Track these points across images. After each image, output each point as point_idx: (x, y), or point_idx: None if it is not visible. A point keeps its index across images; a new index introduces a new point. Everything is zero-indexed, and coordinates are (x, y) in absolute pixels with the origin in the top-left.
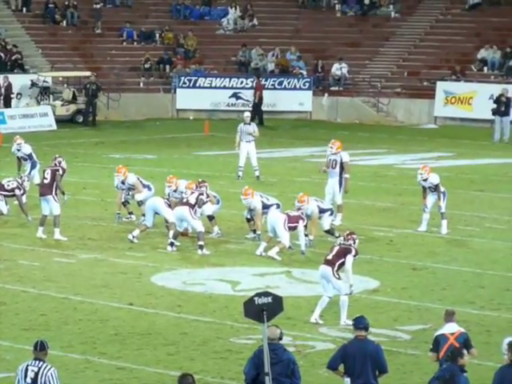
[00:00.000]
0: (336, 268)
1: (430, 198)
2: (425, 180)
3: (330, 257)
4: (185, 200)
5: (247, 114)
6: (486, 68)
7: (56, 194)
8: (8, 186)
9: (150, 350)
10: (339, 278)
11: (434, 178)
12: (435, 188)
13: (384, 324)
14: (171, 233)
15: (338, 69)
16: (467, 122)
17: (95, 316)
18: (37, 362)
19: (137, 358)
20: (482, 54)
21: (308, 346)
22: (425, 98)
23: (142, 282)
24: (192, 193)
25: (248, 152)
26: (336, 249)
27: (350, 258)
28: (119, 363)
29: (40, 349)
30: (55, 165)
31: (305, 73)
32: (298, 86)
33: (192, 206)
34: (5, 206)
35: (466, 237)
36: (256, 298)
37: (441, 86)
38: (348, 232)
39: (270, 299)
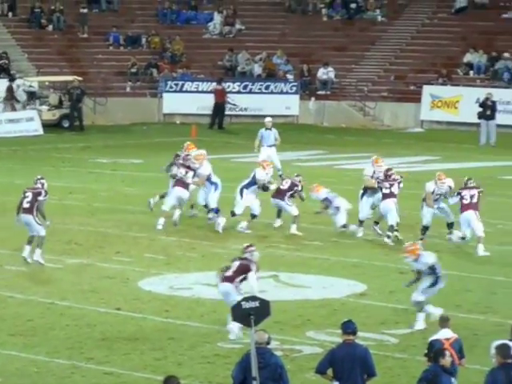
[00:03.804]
0: (236, 285)
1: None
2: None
3: (229, 273)
4: (276, 187)
5: (268, 119)
6: (472, 72)
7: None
8: None
9: (138, 355)
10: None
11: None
12: None
13: (371, 328)
14: (177, 213)
15: (325, 73)
16: (453, 125)
17: (82, 321)
18: None
19: (124, 362)
20: (468, 57)
21: (295, 350)
22: (411, 102)
23: (129, 286)
24: (286, 182)
25: (270, 156)
26: (236, 264)
27: (252, 276)
28: (106, 368)
29: None
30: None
31: (291, 77)
32: (284, 90)
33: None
34: None
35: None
36: (243, 303)
37: (427, 90)
38: (246, 245)
39: (257, 303)
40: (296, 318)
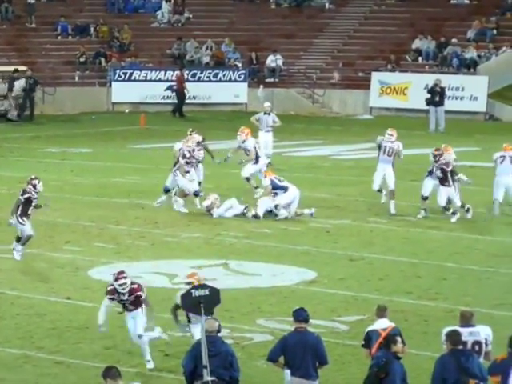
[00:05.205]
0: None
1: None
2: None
3: None
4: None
5: (268, 104)
6: (420, 58)
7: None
8: None
9: (88, 344)
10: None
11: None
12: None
13: (322, 315)
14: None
15: (273, 60)
16: (402, 112)
17: (32, 310)
18: None
19: (74, 352)
20: (417, 44)
21: (246, 338)
22: (360, 89)
23: (78, 275)
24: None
25: (265, 141)
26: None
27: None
28: (57, 357)
29: None
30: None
31: (240, 65)
32: (233, 78)
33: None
34: None
35: (403, 227)
36: (193, 291)
37: (376, 77)
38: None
39: (207, 291)
40: (246, 306)
